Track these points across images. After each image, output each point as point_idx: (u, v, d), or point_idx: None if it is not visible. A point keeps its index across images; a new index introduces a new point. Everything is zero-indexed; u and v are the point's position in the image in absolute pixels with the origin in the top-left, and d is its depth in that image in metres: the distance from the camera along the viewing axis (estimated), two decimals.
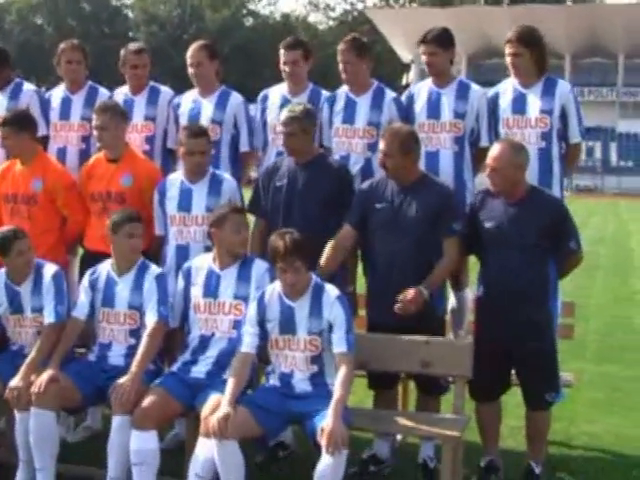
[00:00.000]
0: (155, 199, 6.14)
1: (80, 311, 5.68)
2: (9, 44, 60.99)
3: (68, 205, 6.41)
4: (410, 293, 5.31)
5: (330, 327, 5.05)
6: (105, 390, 5.38)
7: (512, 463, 5.82)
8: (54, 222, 6.40)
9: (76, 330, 5.67)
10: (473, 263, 5.96)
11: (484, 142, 6.09)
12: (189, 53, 6.65)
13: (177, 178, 6.10)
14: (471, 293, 6.19)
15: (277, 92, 6.60)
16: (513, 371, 5.66)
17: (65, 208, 6.41)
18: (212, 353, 5.43)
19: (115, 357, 5.62)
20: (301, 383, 5.13)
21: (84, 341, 5.82)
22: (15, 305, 5.78)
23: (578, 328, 9.66)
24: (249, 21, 73.76)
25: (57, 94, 7.03)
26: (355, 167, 6.21)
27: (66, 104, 6.93)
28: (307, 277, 5.11)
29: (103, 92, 7.00)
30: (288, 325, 5.13)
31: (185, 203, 6.01)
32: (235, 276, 5.43)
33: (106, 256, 5.89)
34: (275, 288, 5.20)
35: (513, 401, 6.22)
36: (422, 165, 5.99)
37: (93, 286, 5.69)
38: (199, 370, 5.40)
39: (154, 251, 6.16)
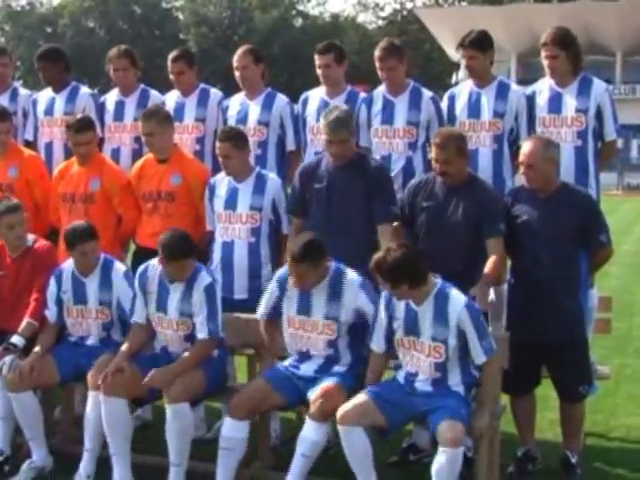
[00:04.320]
0: (206, 196, 6.39)
1: (139, 316, 5.81)
2: (62, 47, 62.09)
3: (123, 204, 6.67)
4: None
5: (461, 334, 5.02)
6: None
7: (552, 454, 5.94)
8: (110, 220, 6.65)
9: (141, 335, 5.82)
10: None
11: (523, 141, 6.21)
12: (235, 57, 6.88)
13: (225, 177, 6.33)
14: None
15: (316, 95, 6.80)
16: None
17: (120, 207, 6.67)
18: (317, 361, 5.51)
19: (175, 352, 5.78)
20: (423, 385, 5.16)
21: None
22: (79, 295, 5.97)
23: (622, 324, 9.83)
24: (298, 22, 73.93)
25: (111, 97, 7.34)
26: (396, 166, 6.39)
27: (120, 107, 7.23)
28: (429, 283, 5.05)
29: (154, 94, 7.28)
30: (413, 327, 5.13)
31: (231, 201, 6.24)
32: (325, 296, 5.42)
33: (156, 252, 6.15)
34: None
35: (553, 394, 6.31)
36: None
37: (144, 289, 5.78)
38: (308, 368, 5.51)
39: (204, 246, 6.41)
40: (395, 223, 5.95)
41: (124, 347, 5.69)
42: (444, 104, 6.50)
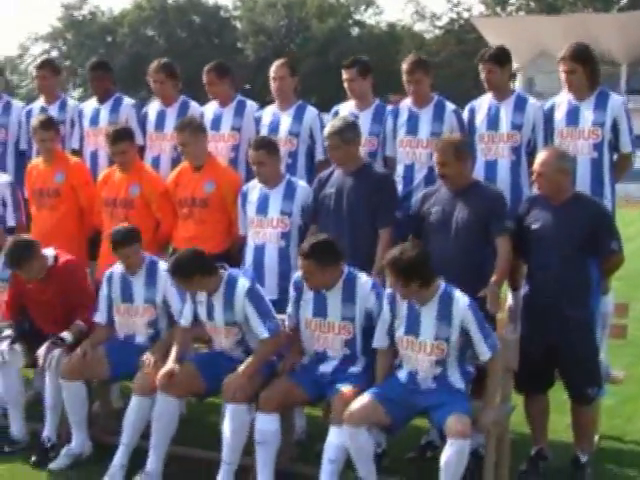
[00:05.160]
0: (239, 202, 6.74)
1: (186, 319, 6.07)
2: (121, 55, 63.02)
3: (161, 209, 7.04)
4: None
5: (464, 333, 5.31)
6: None
7: (566, 455, 6.13)
8: (148, 224, 6.98)
9: (187, 337, 6.11)
10: None
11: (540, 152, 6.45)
12: (273, 68, 7.23)
13: (257, 184, 6.67)
14: None
15: (346, 108, 7.11)
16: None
17: (158, 212, 7.04)
18: (334, 362, 5.75)
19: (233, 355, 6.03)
20: (425, 381, 5.40)
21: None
22: (126, 294, 6.34)
23: None
24: (355, 31, 74.20)
25: (153, 107, 7.73)
26: (419, 175, 6.69)
27: (161, 117, 7.62)
28: (435, 285, 5.36)
29: (194, 105, 7.66)
30: (413, 326, 5.42)
31: (262, 207, 6.58)
32: (340, 297, 5.68)
33: None
34: None
35: None
36: (481, 174, 6.47)
37: (194, 298, 6.00)
38: (325, 368, 5.75)
39: (237, 250, 6.81)
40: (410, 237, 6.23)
41: (174, 351, 5.96)
42: (465, 116, 6.75)
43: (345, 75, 6.97)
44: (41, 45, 73.53)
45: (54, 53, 70.46)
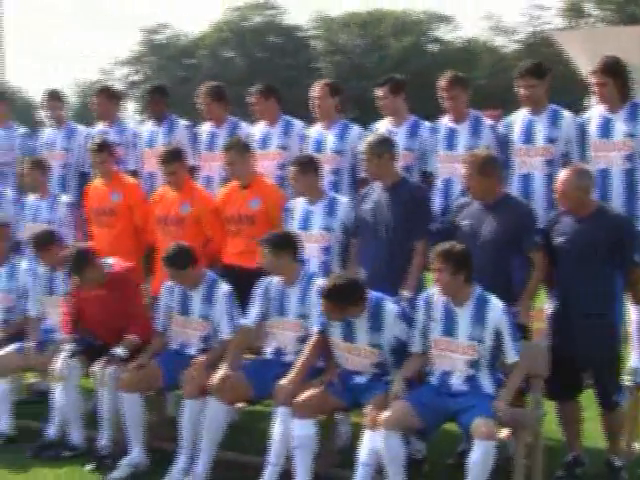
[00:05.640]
0: (283, 217, 7.01)
1: (250, 319, 6.36)
2: (199, 77, 64.03)
3: (211, 226, 7.34)
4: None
5: (497, 336, 5.55)
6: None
7: (604, 463, 6.21)
8: (198, 241, 7.24)
9: (248, 338, 6.40)
10: None
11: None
12: (313, 88, 7.54)
13: (301, 200, 6.95)
14: None
15: (383, 125, 7.36)
16: None
17: (209, 229, 7.35)
18: (367, 376, 5.94)
19: (289, 356, 6.29)
20: (457, 383, 5.61)
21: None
22: (184, 307, 6.63)
23: None
24: (432, 48, 74.06)
25: (205, 129, 8.07)
26: (457, 188, 6.85)
27: (212, 137, 7.96)
28: (472, 287, 5.63)
29: (243, 125, 7.99)
30: (450, 328, 5.67)
31: (305, 222, 6.85)
32: (367, 326, 5.84)
33: (240, 269, 6.88)
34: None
35: None
36: (516, 187, 6.63)
37: (267, 296, 6.33)
38: (360, 378, 5.95)
39: None
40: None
41: (228, 357, 6.23)
42: (501, 131, 6.89)
43: (377, 93, 7.23)
44: (121, 69, 75.01)
45: (136, 77, 71.99)
